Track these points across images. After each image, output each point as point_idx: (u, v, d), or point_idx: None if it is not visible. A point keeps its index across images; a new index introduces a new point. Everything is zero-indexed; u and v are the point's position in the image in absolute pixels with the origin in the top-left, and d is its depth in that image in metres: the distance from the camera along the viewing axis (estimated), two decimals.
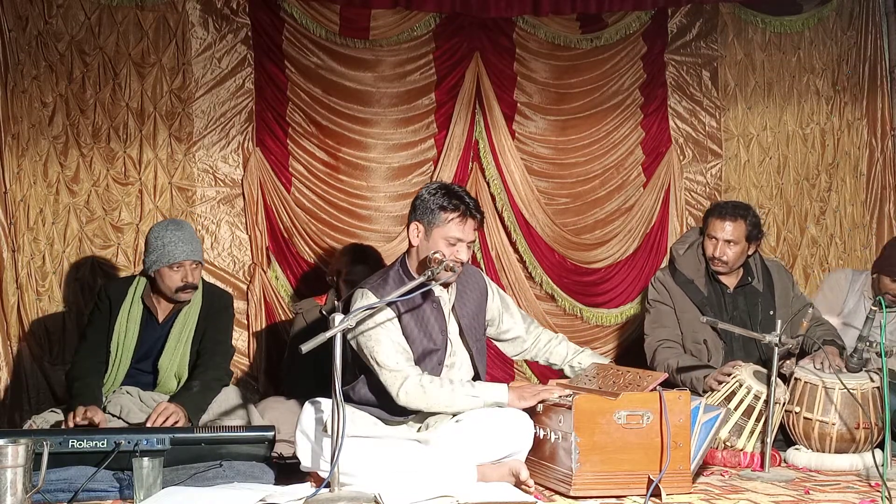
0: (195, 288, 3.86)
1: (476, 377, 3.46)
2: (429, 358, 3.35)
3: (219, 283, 4.87)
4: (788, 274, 4.51)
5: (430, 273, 3.24)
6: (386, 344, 3.24)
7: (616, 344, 5.52)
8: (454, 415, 3.31)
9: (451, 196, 3.30)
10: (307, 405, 3.27)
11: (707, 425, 3.43)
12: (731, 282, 4.37)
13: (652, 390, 3.27)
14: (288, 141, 5.09)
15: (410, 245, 3.38)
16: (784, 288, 4.38)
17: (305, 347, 2.87)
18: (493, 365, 5.04)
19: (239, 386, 4.82)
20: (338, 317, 2.95)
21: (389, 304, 3.21)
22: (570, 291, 5.46)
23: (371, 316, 3.25)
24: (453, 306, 3.42)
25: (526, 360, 5.24)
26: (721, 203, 4.38)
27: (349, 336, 3.30)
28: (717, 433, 3.51)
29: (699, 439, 3.38)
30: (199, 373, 3.85)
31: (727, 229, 4.24)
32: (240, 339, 4.95)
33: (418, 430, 3.37)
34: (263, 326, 5.01)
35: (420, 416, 3.36)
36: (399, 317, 3.30)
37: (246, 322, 4.99)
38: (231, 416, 3.84)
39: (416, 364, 3.29)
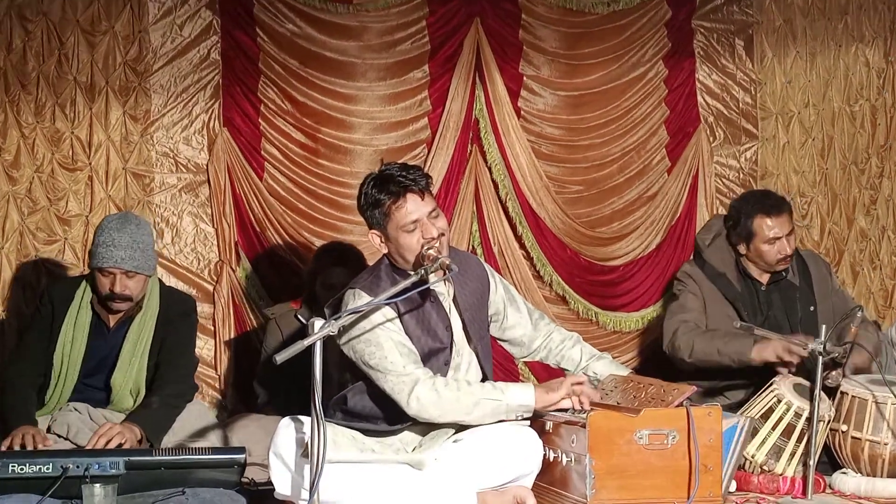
0: (129, 300, 3.85)
1: (484, 380, 3.47)
2: (434, 359, 3.36)
3: (181, 284, 4.88)
4: (825, 262, 4.57)
5: (423, 271, 3.24)
6: (389, 347, 3.25)
7: (637, 352, 5.52)
8: (456, 431, 3.31)
9: (379, 184, 3.32)
10: (283, 423, 3.27)
11: (727, 436, 3.41)
12: (764, 277, 4.39)
13: (678, 405, 3.27)
14: (260, 120, 5.06)
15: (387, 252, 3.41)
16: (822, 279, 4.42)
17: (280, 357, 2.87)
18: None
19: (204, 402, 4.83)
20: (317, 322, 2.94)
21: (388, 302, 3.21)
22: (584, 292, 5.47)
23: (366, 317, 3.25)
24: (454, 299, 3.43)
25: (528, 364, 5.26)
26: (758, 198, 4.41)
27: (341, 342, 3.31)
28: (743, 447, 3.51)
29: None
30: (159, 388, 3.85)
31: (786, 223, 4.30)
32: (205, 347, 4.94)
33: (413, 449, 3.37)
34: (232, 333, 5.01)
35: (417, 427, 3.37)
36: (400, 316, 3.30)
37: (212, 328, 4.97)
38: (196, 437, 3.85)
39: None
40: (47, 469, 3.21)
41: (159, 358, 3.89)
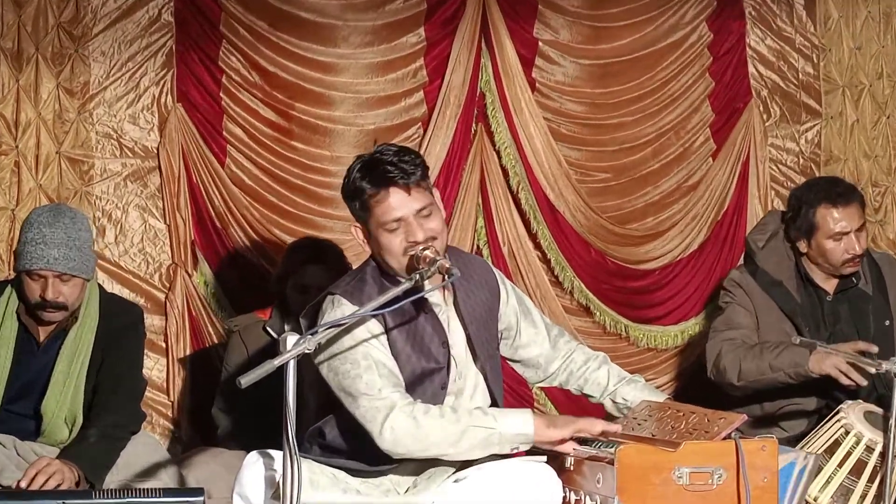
0: (63, 309, 3.84)
1: (493, 405, 3.46)
2: (428, 382, 3.35)
3: (126, 292, 4.89)
4: None
5: (417, 277, 3.24)
6: (365, 365, 3.24)
7: (675, 374, 5.54)
8: (458, 468, 3.31)
9: (365, 169, 3.31)
10: (249, 459, 3.26)
11: (785, 473, 3.42)
12: (829, 285, 4.40)
13: (726, 438, 3.27)
14: (221, 94, 5.08)
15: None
16: None
17: (246, 380, 2.86)
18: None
19: (154, 433, 4.83)
20: (290, 337, 2.95)
21: (375, 314, 3.21)
22: (612, 302, 5.47)
23: (347, 331, 3.25)
24: (456, 308, 3.43)
25: (545, 389, 5.26)
26: (823, 186, 4.40)
27: (317, 361, 3.31)
28: (804, 488, 3.52)
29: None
30: (98, 417, 3.84)
31: (855, 216, 4.31)
32: (155, 368, 4.96)
33: (406, 490, 3.38)
34: (188, 350, 5.02)
35: (410, 466, 3.37)
36: (386, 330, 3.30)
37: (164, 345, 4.99)
38: (144, 476, 3.84)
39: (407, 392, 3.30)
40: None
41: (99, 379, 3.88)
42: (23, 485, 3.53)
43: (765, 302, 4.35)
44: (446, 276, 3.25)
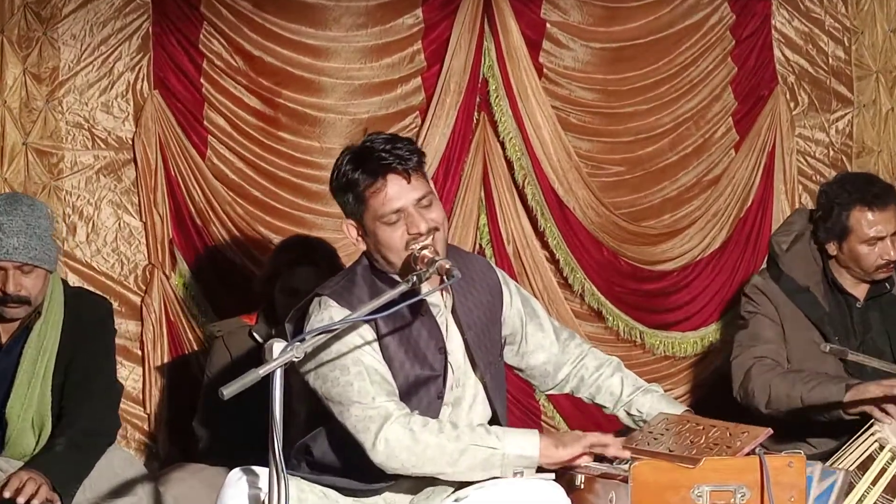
0: (26, 303, 3.83)
1: (494, 421, 3.45)
2: (423, 391, 3.34)
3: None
4: None
5: (415, 278, 3.23)
6: (356, 372, 3.23)
7: (693, 384, 5.52)
8: (458, 487, 3.30)
9: (356, 159, 3.30)
10: (232, 476, 3.26)
11: (822, 500, 3.40)
12: (859, 291, 4.39)
13: (749, 453, 3.26)
14: (202, 81, 5.08)
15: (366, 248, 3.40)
16: None
17: (229, 390, 2.85)
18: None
19: (129, 447, 4.81)
20: (277, 344, 2.93)
21: (368, 319, 3.19)
22: (626, 306, 5.47)
23: (337, 337, 3.24)
24: (454, 312, 3.42)
25: (552, 398, 5.25)
26: (858, 185, 4.36)
27: (303, 369, 3.30)
28: None
29: None
30: (68, 424, 3.83)
31: (892, 219, 4.29)
32: (130, 377, 4.95)
33: None
34: (166, 358, 5.01)
35: (406, 484, 3.34)
36: (378, 336, 3.29)
37: (139, 352, 4.99)
38: (118, 494, 3.82)
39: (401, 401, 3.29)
40: None
41: (67, 382, 3.88)
42: (14, 495, 3.52)
43: (790, 310, 4.34)
44: (445, 278, 3.24)
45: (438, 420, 3.25)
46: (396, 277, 3.30)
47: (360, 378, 3.22)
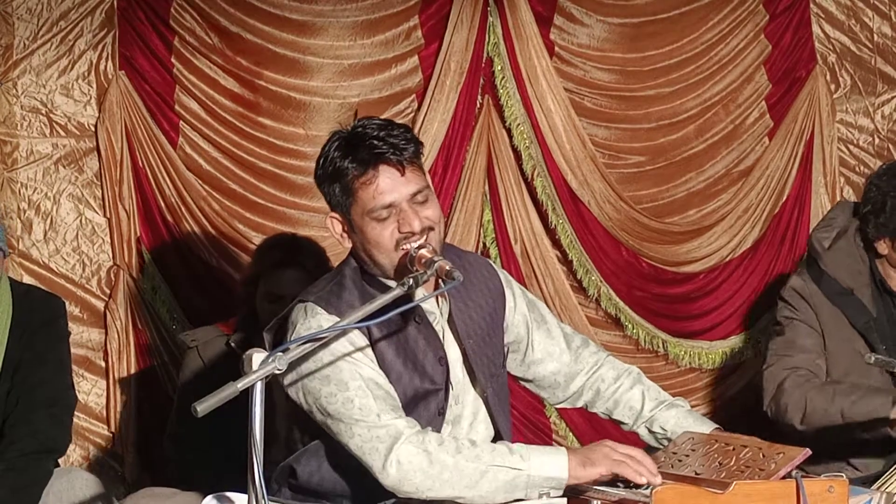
0: None
1: (496, 439, 3.44)
2: (423, 406, 3.32)
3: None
4: None
5: (411, 282, 3.23)
6: (356, 386, 3.20)
7: (723, 400, 5.54)
8: None
9: (345, 146, 3.27)
10: (206, 503, 3.27)
11: None
12: None
13: (785, 477, 3.27)
14: (174, 60, 5.11)
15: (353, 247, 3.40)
16: None
17: (203, 407, 2.85)
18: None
19: (92, 470, 4.81)
20: (257, 355, 2.95)
21: (358, 326, 3.20)
22: (647, 312, 5.49)
23: (324, 346, 3.25)
24: (450, 319, 3.44)
25: (562, 412, 5.26)
26: None
27: (286, 382, 3.31)
28: None
29: None
30: (9, 442, 3.81)
31: None
32: (93, 391, 4.98)
33: None
34: (132, 371, 5.02)
35: None
36: (372, 343, 3.30)
37: (103, 364, 5.01)
38: None
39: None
40: None
41: (11, 391, 3.85)
42: None
43: (833, 316, 4.31)
44: (443, 282, 3.25)
45: (455, 438, 3.25)
46: (386, 281, 3.31)
47: (361, 393, 3.20)
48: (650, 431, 3.60)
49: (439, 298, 3.40)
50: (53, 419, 3.90)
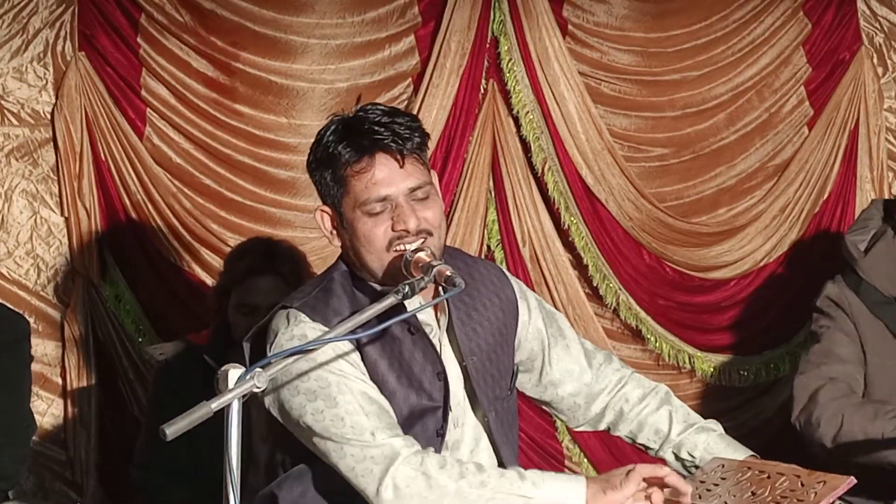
0: None
1: (499, 466, 3.41)
2: (419, 425, 3.33)
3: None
4: None
5: (407, 289, 3.20)
6: (346, 401, 3.21)
7: (757, 422, 5.52)
8: None
9: (342, 130, 3.29)
10: None
11: None
12: None
13: None
14: (140, 40, 5.12)
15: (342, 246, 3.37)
16: None
17: (172, 429, 2.82)
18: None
19: (48, 501, 4.79)
20: (234, 371, 2.90)
21: (349, 338, 3.16)
22: (671, 323, 5.48)
23: (313, 359, 3.21)
24: (451, 333, 3.40)
25: (576, 436, 5.25)
26: None
27: (268, 401, 3.28)
28: None
29: None
30: None
31: None
32: (49, 412, 4.97)
33: None
34: (93, 388, 5.01)
35: None
36: (361, 353, 3.27)
37: (60, 381, 5.02)
38: None
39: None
40: None
41: None
42: None
43: (873, 328, 4.30)
44: (443, 289, 3.21)
45: (459, 461, 3.23)
46: (378, 287, 3.28)
47: (351, 410, 3.20)
48: (677, 457, 3.59)
49: (437, 309, 3.36)
50: (10, 448, 4.01)
